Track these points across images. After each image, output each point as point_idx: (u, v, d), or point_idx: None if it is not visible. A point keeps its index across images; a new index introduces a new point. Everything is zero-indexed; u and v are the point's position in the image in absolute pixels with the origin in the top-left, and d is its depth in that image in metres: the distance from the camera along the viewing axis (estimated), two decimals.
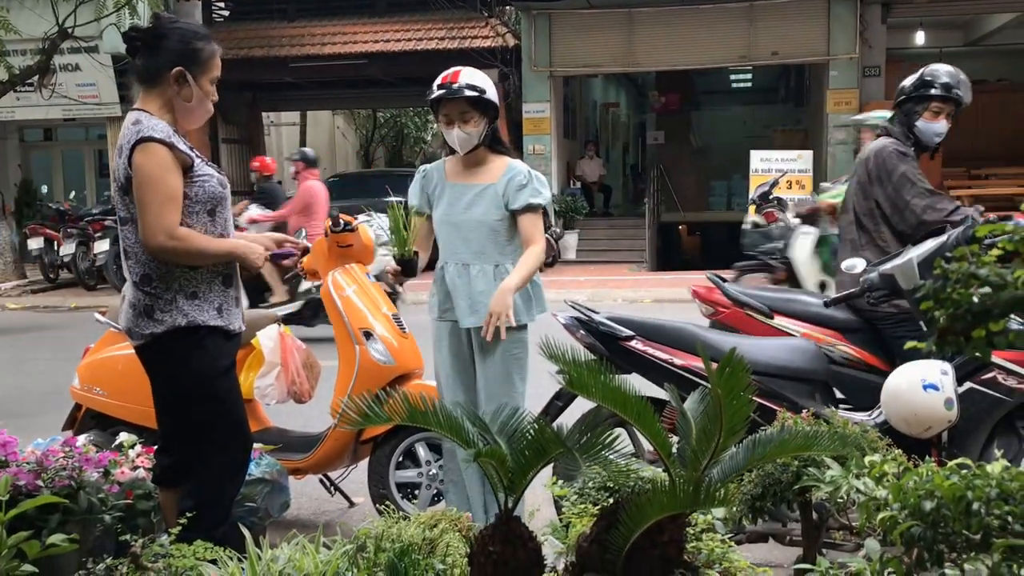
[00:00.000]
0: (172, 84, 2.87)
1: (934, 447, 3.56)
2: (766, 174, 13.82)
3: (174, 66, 2.85)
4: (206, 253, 2.87)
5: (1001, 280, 0.77)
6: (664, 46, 14.93)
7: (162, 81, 2.87)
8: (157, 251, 2.79)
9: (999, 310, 0.77)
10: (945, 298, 0.81)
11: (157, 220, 2.75)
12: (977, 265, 0.81)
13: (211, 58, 2.93)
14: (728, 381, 1.39)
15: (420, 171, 3.83)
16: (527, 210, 3.57)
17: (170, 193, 2.78)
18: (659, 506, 1.42)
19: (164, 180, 2.77)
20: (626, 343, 3.68)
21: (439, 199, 3.67)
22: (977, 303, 0.77)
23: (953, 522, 1.40)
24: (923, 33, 17.33)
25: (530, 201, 3.57)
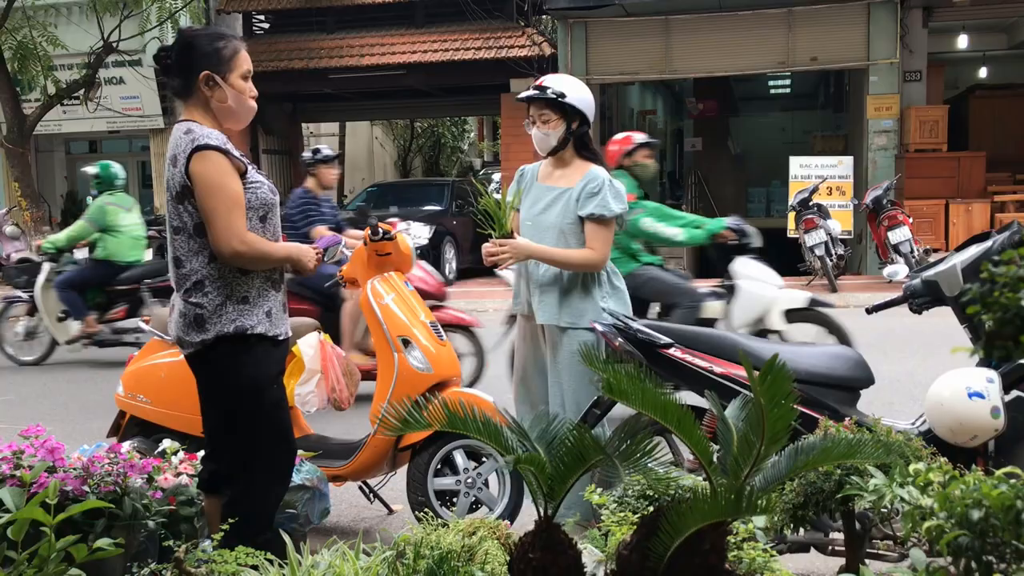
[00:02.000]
0: (203, 89, 2.90)
1: (980, 456, 3.49)
2: (805, 180, 13.70)
3: (200, 71, 2.89)
4: (270, 257, 2.92)
5: None
6: (701, 52, 14.85)
7: (195, 90, 2.91)
8: (231, 257, 2.83)
9: None
10: (992, 302, 0.80)
11: (227, 226, 2.79)
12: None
13: (235, 55, 2.93)
14: (770, 388, 1.37)
15: (519, 171, 4.01)
16: (591, 219, 3.69)
17: (235, 199, 2.82)
18: (700, 514, 1.41)
19: (228, 186, 2.81)
20: (665, 351, 3.67)
21: (527, 197, 3.84)
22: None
23: (1002, 532, 1.38)
24: (966, 37, 17.05)
25: (595, 211, 3.69)
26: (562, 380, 3.73)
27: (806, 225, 12.40)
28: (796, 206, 12.74)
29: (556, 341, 3.73)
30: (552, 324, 3.72)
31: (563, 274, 3.73)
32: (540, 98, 3.71)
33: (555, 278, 3.74)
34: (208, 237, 2.82)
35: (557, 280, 3.73)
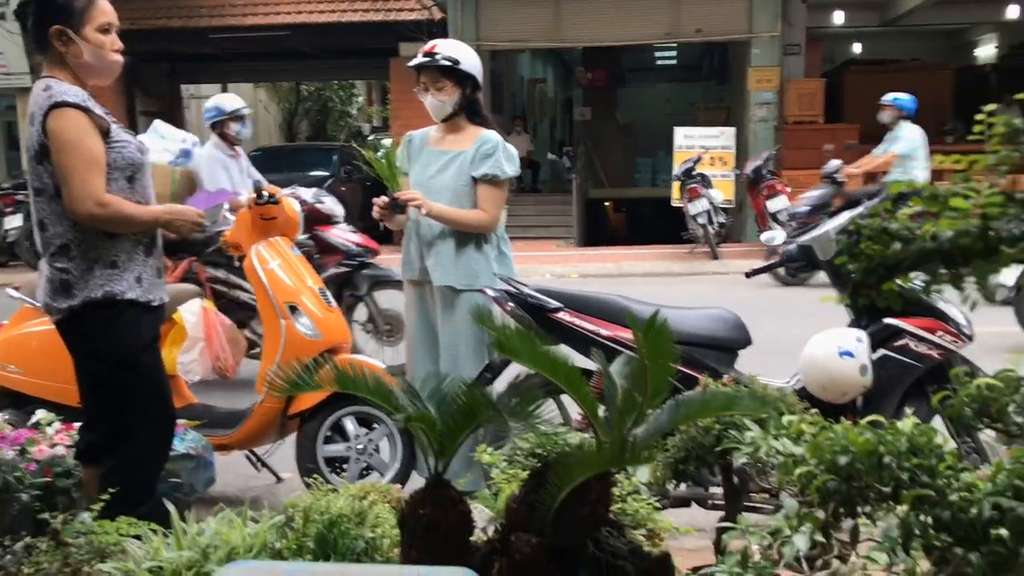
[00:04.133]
0: (57, 44, 2.76)
1: (849, 412, 3.68)
2: (690, 151, 14.02)
3: (51, 25, 2.74)
4: (134, 220, 2.80)
5: (910, 234, 0.81)
6: (590, 22, 14.97)
7: (50, 45, 2.77)
8: (86, 218, 2.71)
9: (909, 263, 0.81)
10: (858, 253, 0.85)
11: (83, 186, 2.67)
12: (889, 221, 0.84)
13: (89, 7, 2.77)
14: (652, 344, 1.42)
15: (407, 137, 3.98)
16: (485, 180, 3.72)
17: (93, 158, 2.70)
18: (586, 465, 1.45)
19: (84, 144, 2.69)
20: (554, 315, 3.73)
21: (416, 162, 3.81)
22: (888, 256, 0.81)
23: (866, 476, 1.46)
24: (841, 13, 17.72)
25: (489, 171, 3.72)
26: (457, 343, 3.75)
27: (690, 194, 12.73)
28: (680, 176, 13.06)
29: (450, 303, 3.74)
30: (447, 285, 3.73)
31: (457, 236, 3.74)
32: (435, 65, 3.70)
33: (449, 240, 3.74)
34: (63, 198, 2.71)
35: (451, 242, 3.74)
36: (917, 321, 3.71)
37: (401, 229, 3.89)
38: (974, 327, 3.75)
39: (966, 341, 3.76)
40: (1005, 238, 0.75)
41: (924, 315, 3.73)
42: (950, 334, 3.72)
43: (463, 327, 3.73)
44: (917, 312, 3.71)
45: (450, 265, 3.74)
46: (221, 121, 6.74)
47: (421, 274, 3.83)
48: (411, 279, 3.90)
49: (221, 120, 6.73)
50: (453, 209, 3.71)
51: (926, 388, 3.76)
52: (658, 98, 22.80)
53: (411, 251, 3.85)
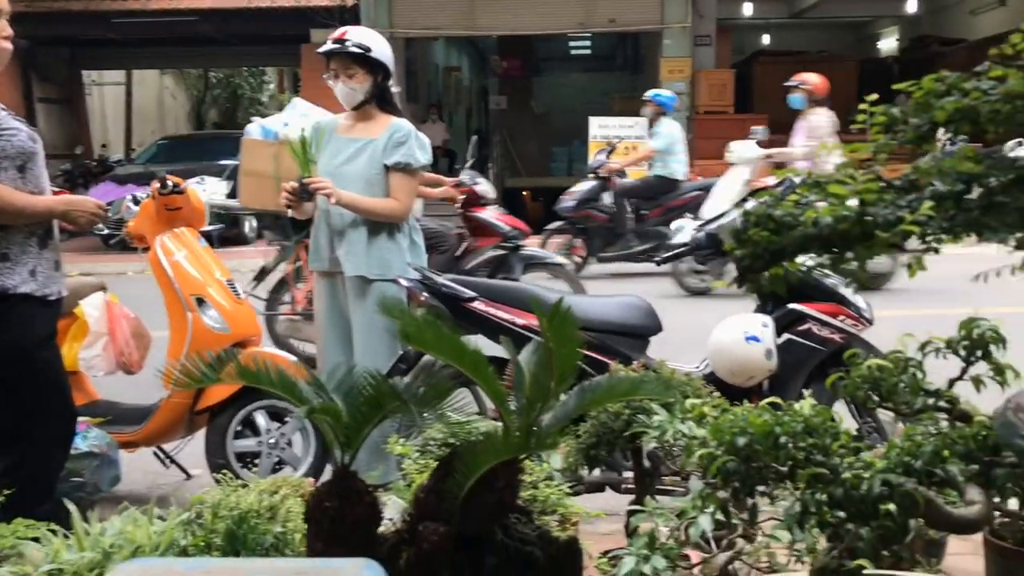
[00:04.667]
0: None
1: (756, 395, 3.78)
2: (604, 140, 14.15)
3: None
4: (25, 211, 2.69)
5: (793, 220, 0.83)
6: (505, 10, 14.97)
7: None
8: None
9: (792, 248, 0.83)
10: (746, 239, 0.87)
11: None
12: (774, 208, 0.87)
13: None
14: (557, 330, 1.43)
15: (315, 124, 3.91)
16: (397, 168, 3.68)
17: None
18: (493, 452, 1.46)
19: None
20: (469, 304, 3.74)
21: (324, 150, 3.74)
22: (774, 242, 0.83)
23: (764, 456, 1.51)
24: (751, 4, 18.10)
25: (402, 160, 3.68)
26: (370, 334, 3.71)
27: None
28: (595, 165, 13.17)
29: (362, 294, 3.70)
30: (359, 276, 3.69)
31: (369, 225, 3.70)
32: (346, 52, 3.66)
33: (361, 229, 3.70)
34: None
35: (363, 231, 3.70)
36: (820, 306, 3.83)
37: (309, 218, 3.83)
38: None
39: (866, 325, 3.90)
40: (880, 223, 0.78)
41: (826, 300, 3.85)
42: (851, 318, 3.85)
43: (376, 318, 3.70)
44: (820, 297, 3.83)
45: (362, 255, 3.70)
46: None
47: (332, 264, 3.78)
48: (321, 270, 3.85)
49: None
50: (364, 198, 3.67)
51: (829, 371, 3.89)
52: (573, 88, 22.93)
53: (321, 241, 3.80)
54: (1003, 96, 0.84)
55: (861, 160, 0.92)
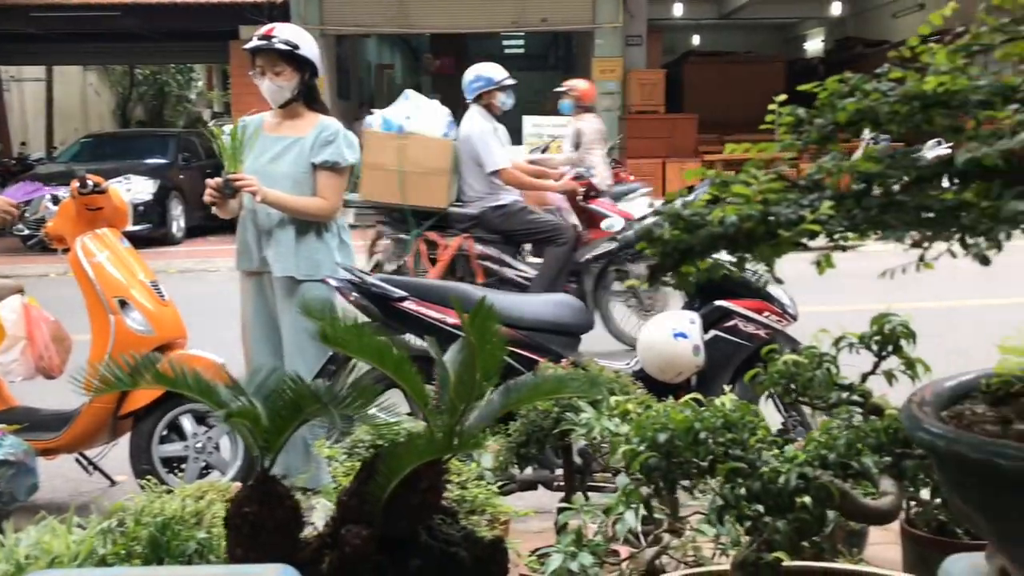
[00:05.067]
0: None
1: (684, 391, 3.84)
2: (538, 139, 14.21)
3: None
4: None
5: (701, 220, 0.85)
6: (437, 8, 14.93)
7: None
8: None
9: (700, 247, 0.84)
10: (656, 238, 0.88)
11: None
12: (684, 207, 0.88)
13: None
14: (480, 329, 1.43)
15: (240, 122, 3.82)
16: (325, 167, 3.65)
17: None
18: (416, 454, 1.45)
19: None
20: (399, 304, 3.72)
21: (251, 149, 3.67)
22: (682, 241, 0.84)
23: (684, 451, 1.53)
24: (681, 5, 18.36)
25: (330, 158, 3.65)
26: (300, 335, 3.66)
27: None
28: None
29: (291, 295, 3.66)
30: (288, 276, 3.65)
31: (297, 224, 3.66)
32: (274, 49, 3.61)
33: (289, 228, 3.66)
34: None
35: (291, 231, 3.66)
36: (746, 303, 3.90)
37: (232, 217, 3.76)
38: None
39: (790, 320, 3.98)
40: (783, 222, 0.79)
41: (752, 297, 3.92)
42: (776, 314, 3.93)
43: (303, 319, 3.65)
44: (746, 294, 3.90)
45: (290, 255, 3.66)
46: (488, 92, 6.41)
47: (260, 264, 3.73)
48: (248, 270, 3.79)
49: (489, 91, 6.40)
50: (291, 196, 3.63)
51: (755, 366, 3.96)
52: None
53: (248, 241, 3.74)
54: (900, 97, 0.87)
55: (768, 161, 0.94)
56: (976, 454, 0.91)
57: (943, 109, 0.87)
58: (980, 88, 0.86)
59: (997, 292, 7.59)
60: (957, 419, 1.07)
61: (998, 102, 0.86)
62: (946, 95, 0.85)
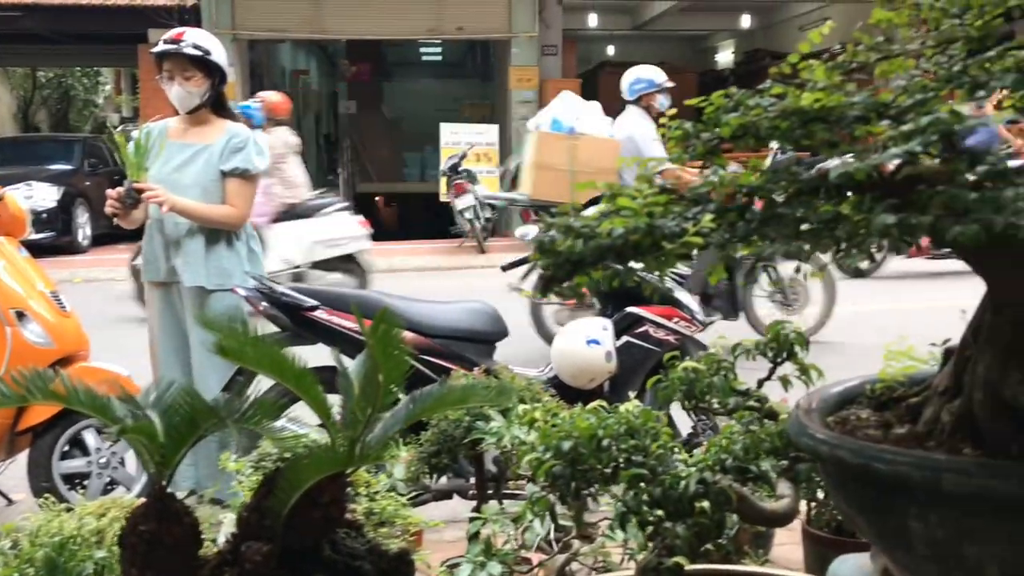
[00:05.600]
0: None
1: (597, 397, 3.87)
2: (455, 146, 14.23)
3: None
4: None
5: (591, 232, 0.86)
6: (352, 15, 14.80)
7: None
8: None
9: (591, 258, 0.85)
10: (549, 249, 0.89)
11: None
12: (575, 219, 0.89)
13: None
14: (382, 340, 1.42)
15: (144, 129, 3.69)
16: (235, 174, 3.58)
17: None
18: (317, 467, 1.43)
19: None
20: (310, 313, 3.66)
21: (155, 157, 3.56)
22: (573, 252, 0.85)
23: (588, 458, 1.54)
24: (595, 16, 18.59)
25: (240, 165, 3.58)
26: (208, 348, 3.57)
27: (456, 190, 12.92)
28: (447, 171, 13.23)
29: (200, 305, 3.57)
30: (198, 286, 3.56)
31: (206, 233, 3.58)
32: (184, 54, 3.53)
33: (198, 238, 3.57)
34: None
35: (200, 240, 3.58)
36: (656, 309, 3.97)
37: (136, 227, 3.66)
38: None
39: (699, 327, 4.06)
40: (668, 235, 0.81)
41: (662, 303, 3.99)
42: (685, 320, 4.01)
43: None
44: (656, 300, 3.97)
45: (200, 265, 3.57)
46: (649, 94, 6.28)
47: (168, 275, 3.63)
48: (154, 280, 3.69)
49: (650, 92, 6.27)
50: (200, 204, 3.55)
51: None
52: (424, 93, 22.94)
53: (155, 251, 3.64)
54: (780, 113, 0.90)
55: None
56: (855, 459, 0.95)
57: (822, 124, 0.90)
58: (855, 104, 0.89)
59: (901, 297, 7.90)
60: (842, 424, 1.10)
61: (874, 118, 0.89)
62: (823, 111, 0.88)
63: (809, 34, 1.03)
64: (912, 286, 9.09)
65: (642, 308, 3.92)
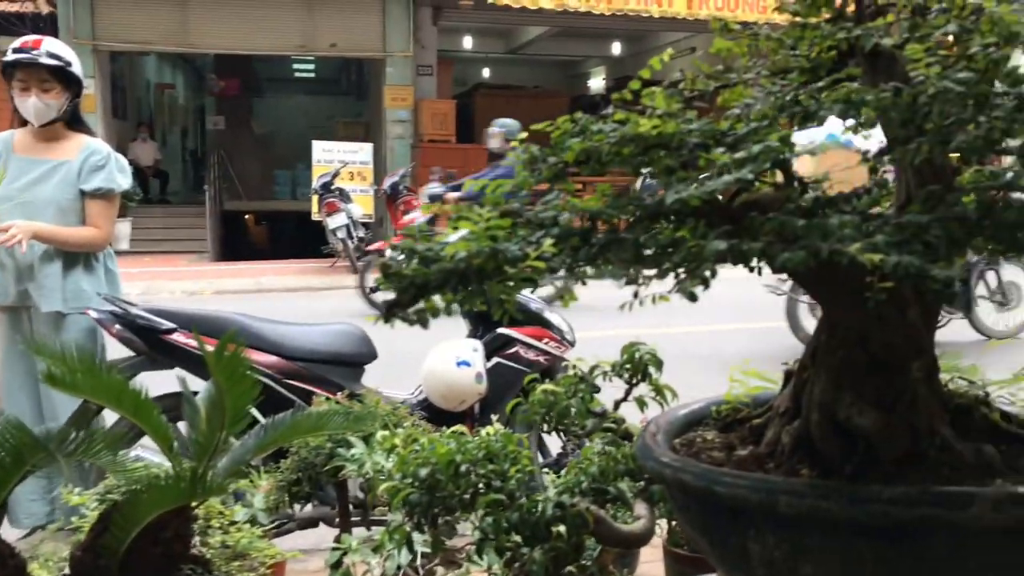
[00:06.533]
0: None
1: (468, 419, 3.86)
2: (329, 164, 14.01)
3: None
4: None
5: (435, 255, 0.84)
6: (220, 28, 14.42)
7: None
8: None
9: (436, 282, 0.83)
10: (394, 273, 0.86)
11: None
12: (420, 242, 0.87)
13: None
14: (226, 368, 1.35)
15: None
16: (98, 194, 3.42)
17: None
18: (157, 501, 1.35)
19: None
20: (168, 336, 3.51)
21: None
22: (418, 276, 0.83)
23: (446, 484, 1.52)
24: (470, 38, 18.73)
25: (104, 185, 3.42)
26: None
27: (328, 208, 12.72)
28: (319, 189, 13.02)
29: (56, 330, 3.37)
30: (56, 311, 3.36)
31: (64, 256, 3.38)
32: (43, 64, 3.34)
33: (55, 261, 3.37)
34: None
35: (57, 263, 3.37)
36: (526, 330, 3.98)
37: None
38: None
39: (569, 346, 4.10)
40: (510, 259, 0.79)
41: (532, 324, 4.01)
42: (555, 340, 4.03)
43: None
44: (526, 321, 3.98)
45: (57, 289, 3.36)
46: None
47: (18, 299, 3.41)
48: (4, 304, 3.44)
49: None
50: (62, 229, 3.35)
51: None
52: (296, 110, 22.57)
53: (4, 275, 3.39)
54: (620, 139, 0.90)
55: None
56: (697, 482, 0.95)
57: (664, 151, 0.91)
58: (692, 131, 0.91)
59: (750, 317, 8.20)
60: (688, 446, 1.12)
61: (712, 145, 0.91)
62: (662, 137, 0.89)
63: (651, 61, 1.05)
64: None
65: (513, 329, 3.93)
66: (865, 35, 0.95)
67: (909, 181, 1.01)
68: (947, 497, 0.90)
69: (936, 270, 0.78)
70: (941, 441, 0.99)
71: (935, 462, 0.98)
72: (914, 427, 0.98)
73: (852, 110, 0.90)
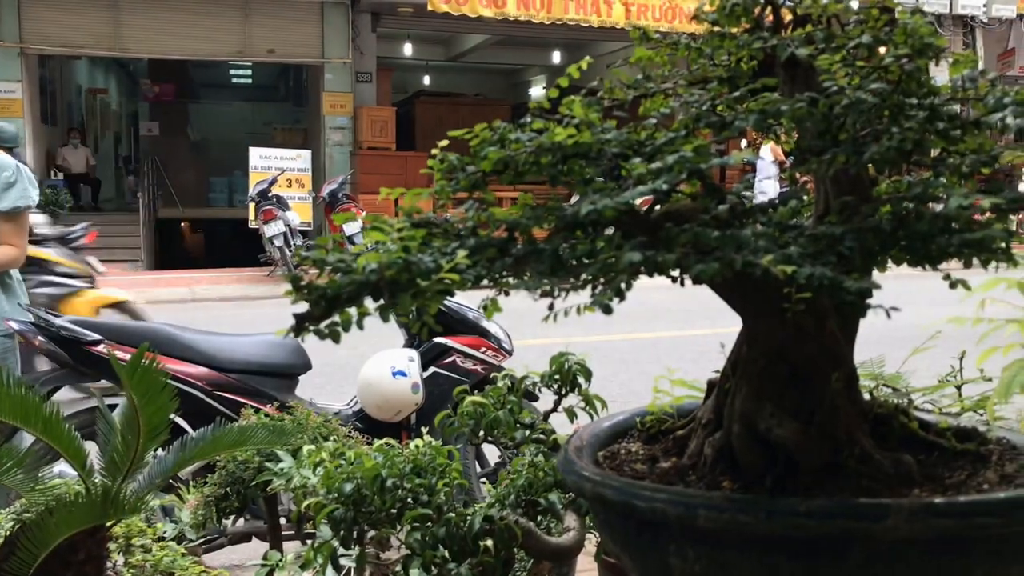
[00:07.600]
0: None
1: (404, 430, 3.82)
2: (266, 171, 13.80)
3: None
4: None
5: (347, 266, 0.81)
6: (154, 33, 14.14)
7: None
8: None
9: (347, 295, 0.81)
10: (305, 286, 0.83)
11: None
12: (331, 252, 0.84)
13: None
14: (140, 383, 1.31)
15: None
16: (13, 213, 3.30)
17: None
18: (68, 521, 1.30)
19: None
20: (93, 348, 3.41)
21: None
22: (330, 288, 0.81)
23: (372, 500, 1.48)
24: (410, 45, 18.65)
25: (19, 204, 3.31)
26: None
27: (265, 216, 12.54)
28: (255, 197, 12.83)
29: None
30: None
31: None
32: None
33: None
34: None
35: None
36: (463, 339, 3.95)
37: None
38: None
39: (506, 355, 4.08)
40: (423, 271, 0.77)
41: (469, 333, 3.98)
42: (492, 349, 4.01)
43: None
44: (464, 330, 3.96)
45: None
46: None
47: None
48: None
49: None
50: None
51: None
52: (233, 116, 22.24)
53: None
54: (537, 148, 0.89)
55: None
56: (617, 496, 0.94)
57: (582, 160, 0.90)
58: (610, 141, 0.90)
59: (695, 324, 8.28)
60: (612, 458, 1.11)
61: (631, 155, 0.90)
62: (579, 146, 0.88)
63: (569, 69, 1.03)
64: None
65: (449, 338, 3.90)
66: (781, 45, 0.95)
67: (828, 192, 1.02)
68: (862, 509, 0.90)
69: (849, 281, 0.78)
70: (860, 451, 0.99)
71: (854, 473, 0.98)
72: (834, 437, 0.99)
73: (769, 120, 0.90)
